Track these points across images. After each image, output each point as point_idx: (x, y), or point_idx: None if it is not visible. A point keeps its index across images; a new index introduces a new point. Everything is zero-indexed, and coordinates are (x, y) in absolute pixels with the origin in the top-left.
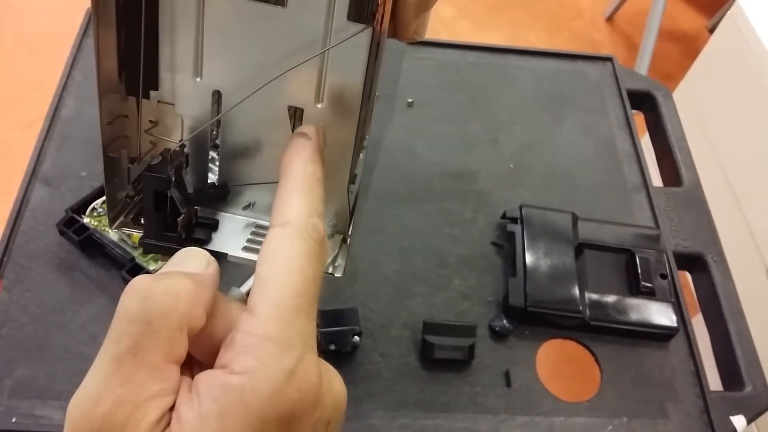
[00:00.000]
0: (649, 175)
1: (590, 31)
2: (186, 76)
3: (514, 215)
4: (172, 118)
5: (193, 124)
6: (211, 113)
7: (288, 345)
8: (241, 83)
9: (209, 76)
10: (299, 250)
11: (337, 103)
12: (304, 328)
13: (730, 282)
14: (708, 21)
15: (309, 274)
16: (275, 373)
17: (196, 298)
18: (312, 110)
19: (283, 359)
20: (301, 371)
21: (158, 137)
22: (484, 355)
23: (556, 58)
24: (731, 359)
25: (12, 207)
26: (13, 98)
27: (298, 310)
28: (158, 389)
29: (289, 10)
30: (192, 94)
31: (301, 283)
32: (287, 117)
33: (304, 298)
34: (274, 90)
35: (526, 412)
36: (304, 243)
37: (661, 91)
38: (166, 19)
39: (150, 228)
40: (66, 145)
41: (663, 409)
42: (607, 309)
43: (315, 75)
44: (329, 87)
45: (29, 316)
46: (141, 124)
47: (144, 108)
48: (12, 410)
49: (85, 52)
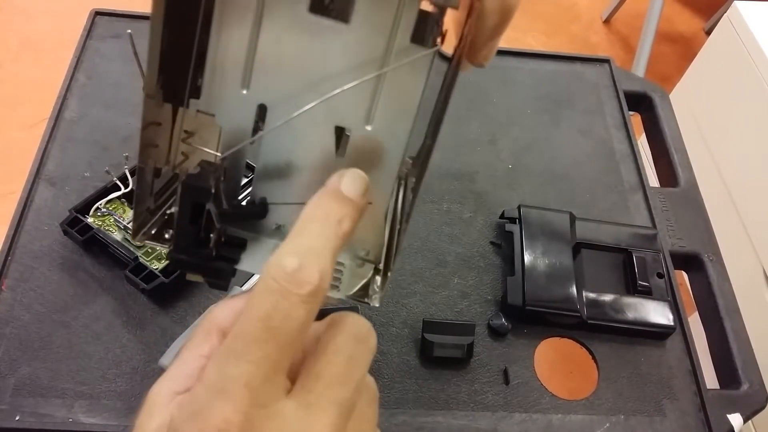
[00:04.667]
0: (645, 175)
1: (588, 34)
2: (232, 87)
3: (513, 215)
4: (210, 129)
5: (231, 137)
6: (253, 128)
7: (206, 388)
8: (289, 99)
9: (257, 89)
10: (253, 293)
11: (386, 129)
12: (229, 372)
13: (727, 281)
14: (705, 23)
15: (255, 313)
16: (183, 412)
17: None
18: (359, 132)
19: (195, 401)
20: (207, 416)
21: (196, 147)
22: (482, 353)
23: (554, 60)
24: (728, 358)
25: (16, 207)
26: (17, 99)
27: (229, 353)
28: (183, 373)
29: (352, 27)
30: (236, 105)
31: (241, 324)
32: (332, 137)
33: (243, 339)
34: (323, 108)
35: (524, 409)
36: (261, 284)
37: (658, 93)
38: (219, 24)
39: (181, 242)
40: (69, 145)
41: (660, 407)
42: (605, 308)
43: (368, 96)
44: (381, 110)
45: (33, 315)
46: (175, 133)
47: (180, 117)
48: (16, 408)
49: (89, 54)
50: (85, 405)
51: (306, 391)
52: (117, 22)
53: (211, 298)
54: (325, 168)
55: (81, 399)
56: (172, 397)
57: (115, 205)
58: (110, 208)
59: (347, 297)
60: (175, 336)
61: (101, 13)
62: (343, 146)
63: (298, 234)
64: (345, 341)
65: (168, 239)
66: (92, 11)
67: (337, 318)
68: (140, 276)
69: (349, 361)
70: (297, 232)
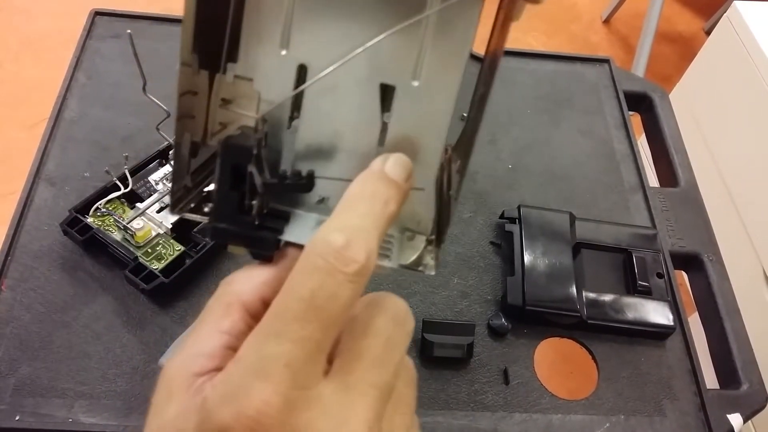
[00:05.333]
0: (645, 175)
1: (588, 34)
2: (270, 47)
3: (513, 215)
4: (248, 95)
5: (270, 105)
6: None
7: (243, 368)
8: (331, 57)
9: (296, 48)
10: (296, 269)
11: (434, 83)
12: (268, 352)
13: (727, 281)
14: (705, 23)
15: (299, 292)
16: (216, 393)
17: (246, 279)
18: (406, 89)
19: (230, 381)
20: (245, 397)
21: (236, 111)
22: (482, 353)
23: (554, 60)
24: (728, 358)
25: (16, 207)
26: (17, 99)
27: (269, 332)
28: (195, 352)
29: None
30: (275, 67)
31: (283, 302)
32: (377, 98)
33: (284, 318)
34: (366, 65)
35: (524, 409)
36: (306, 260)
37: (658, 93)
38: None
39: (221, 209)
40: (69, 145)
41: (660, 407)
42: (605, 308)
43: (415, 46)
44: (428, 63)
45: (33, 315)
46: (212, 101)
47: (217, 84)
48: (15, 408)
49: (89, 54)
50: (85, 405)
51: (345, 373)
52: (117, 22)
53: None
54: (370, 137)
55: (81, 399)
56: (191, 379)
57: (114, 205)
58: (110, 208)
59: (400, 266)
60: (175, 336)
61: (101, 13)
62: (388, 105)
63: (344, 211)
64: (385, 323)
65: (207, 212)
66: (92, 11)
67: (375, 298)
68: (140, 276)
69: (388, 343)
70: (343, 210)
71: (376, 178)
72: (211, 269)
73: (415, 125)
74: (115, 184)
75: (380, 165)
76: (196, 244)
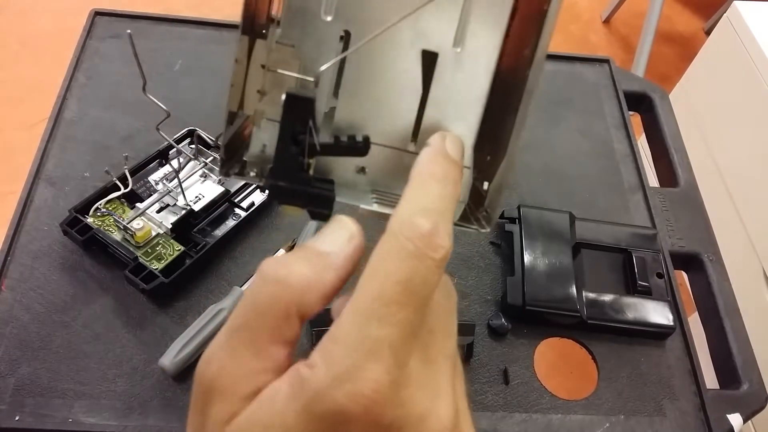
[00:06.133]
0: (645, 175)
1: (587, 33)
2: (313, 13)
3: (513, 215)
4: (290, 62)
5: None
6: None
7: (349, 349)
8: (374, 24)
9: (340, 14)
10: (387, 252)
11: (474, 53)
12: (374, 334)
13: (726, 281)
14: (704, 23)
15: (395, 276)
16: (325, 374)
17: (310, 285)
18: (448, 56)
19: (338, 362)
20: (359, 378)
21: (281, 72)
22: (482, 353)
23: (553, 60)
24: (727, 358)
25: (16, 207)
26: (17, 99)
27: (371, 314)
28: (259, 367)
29: None
30: (318, 34)
31: (380, 285)
32: (419, 66)
33: (383, 301)
34: (409, 32)
35: (524, 409)
36: (395, 243)
37: (658, 93)
38: None
39: (282, 165)
40: (69, 145)
41: (660, 407)
42: (604, 308)
43: (457, 12)
44: (471, 29)
45: (32, 315)
46: (250, 68)
47: (257, 50)
48: (15, 408)
49: (89, 54)
50: (85, 405)
51: (424, 347)
52: (117, 22)
53: (211, 298)
54: (410, 106)
55: (81, 399)
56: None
57: (114, 205)
58: (110, 208)
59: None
60: (175, 336)
61: (101, 13)
62: (430, 73)
63: (419, 191)
64: (441, 297)
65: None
66: (92, 11)
67: None
68: (140, 276)
69: (449, 315)
70: (417, 189)
71: (443, 157)
72: (211, 269)
73: (455, 94)
74: (115, 184)
75: (442, 143)
76: (196, 244)
